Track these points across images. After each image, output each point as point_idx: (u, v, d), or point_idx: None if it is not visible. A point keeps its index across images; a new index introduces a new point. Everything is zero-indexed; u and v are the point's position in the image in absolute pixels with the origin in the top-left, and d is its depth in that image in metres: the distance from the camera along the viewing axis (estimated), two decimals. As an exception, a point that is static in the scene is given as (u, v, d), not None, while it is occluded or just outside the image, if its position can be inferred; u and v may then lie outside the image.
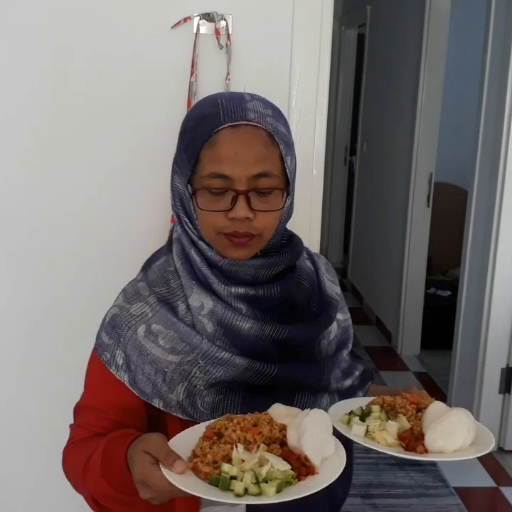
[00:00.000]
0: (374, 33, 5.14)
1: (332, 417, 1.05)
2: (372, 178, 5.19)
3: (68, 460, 1.14)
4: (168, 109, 1.77)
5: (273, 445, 0.93)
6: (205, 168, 1.07)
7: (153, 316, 1.11)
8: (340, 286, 1.32)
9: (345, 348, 1.25)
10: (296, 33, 1.78)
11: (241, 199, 1.05)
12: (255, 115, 1.07)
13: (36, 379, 1.92)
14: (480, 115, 3.14)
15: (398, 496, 2.76)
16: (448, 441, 1.00)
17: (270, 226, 1.10)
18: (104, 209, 1.84)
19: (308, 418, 0.94)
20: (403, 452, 1.01)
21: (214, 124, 1.06)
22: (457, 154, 4.51)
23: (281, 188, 1.09)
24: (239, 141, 1.05)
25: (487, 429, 1.07)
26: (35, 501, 2.02)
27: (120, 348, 1.11)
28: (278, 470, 0.88)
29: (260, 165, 1.06)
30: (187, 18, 1.74)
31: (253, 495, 0.86)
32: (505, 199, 2.94)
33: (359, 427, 1.04)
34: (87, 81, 1.77)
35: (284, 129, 1.11)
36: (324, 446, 0.94)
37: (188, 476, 0.89)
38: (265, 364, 1.09)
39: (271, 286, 1.12)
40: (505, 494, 2.88)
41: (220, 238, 1.09)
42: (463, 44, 4.63)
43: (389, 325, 4.66)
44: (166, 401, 1.10)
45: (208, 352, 1.08)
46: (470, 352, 3.24)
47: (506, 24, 2.89)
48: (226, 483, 0.87)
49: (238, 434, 0.93)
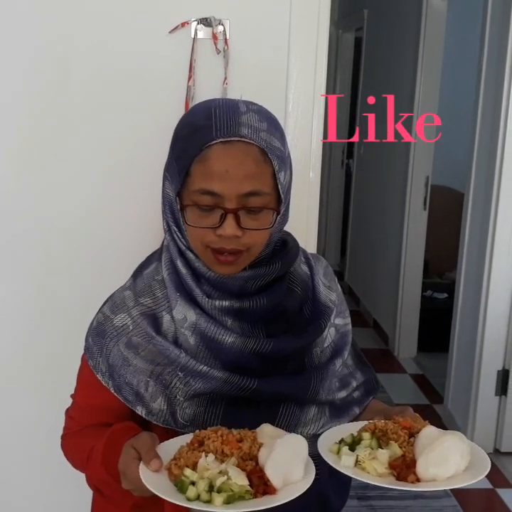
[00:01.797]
0: (371, 36, 5.15)
1: (322, 446, 1.05)
2: (369, 181, 5.20)
3: (69, 448, 1.21)
4: (166, 114, 1.78)
5: (249, 461, 0.96)
6: (194, 183, 1.05)
7: (133, 328, 1.13)
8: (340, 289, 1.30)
9: (340, 357, 1.21)
10: (293, 38, 1.79)
11: (230, 217, 1.03)
12: (248, 131, 1.04)
13: (32, 377, 1.93)
14: (476, 118, 3.15)
15: (395, 497, 2.77)
16: (441, 469, 0.97)
17: (259, 243, 1.09)
18: (99, 209, 1.84)
19: (281, 441, 0.97)
20: (394, 483, 0.98)
21: (206, 139, 1.03)
22: (454, 157, 4.52)
23: (271, 207, 1.07)
24: (230, 158, 1.03)
25: (482, 452, 1.05)
26: (33, 498, 2.03)
27: (103, 357, 1.14)
28: (235, 484, 0.92)
29: (251, 183, 1.03)
30: (185, 23, 1.75)
31: (202, 501, 0.91)
32: (501, 202, 2.95)
33: (348, 457, 1.02)
34: (84, 84, 1.77)
35: (279, 143, 1.08)
36: (290, 469, 0.96)
37: (160, 475, 0.96)
38: (245, 377, 1.09)
39: (257, 298, 1.11)
40: (501, 496, 2.89)
41: (207, 253, 1.08)
42: (459, 49, 4.64)
43: (386, 327, 4.67)
44: (149, 409, 1.12)
45: (186, 365, 1.09)
46: (466, 354, 3.26)
47: (502, 27, 2.91)
48: (184, 487, 0.93)
49: (216, 445, 0.97)
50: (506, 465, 3.11)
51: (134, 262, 1.24)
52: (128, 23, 1.76)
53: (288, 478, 0.95)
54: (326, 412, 1.18)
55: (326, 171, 6.01)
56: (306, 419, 1.15)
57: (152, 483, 0.93)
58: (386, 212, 4.67)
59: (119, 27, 1.76)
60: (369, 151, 5.17)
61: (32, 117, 1.78)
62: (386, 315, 4.64)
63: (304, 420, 1.15)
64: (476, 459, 1.02)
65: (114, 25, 1.76)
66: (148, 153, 1.79)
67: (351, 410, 1.23)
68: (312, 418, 1.16)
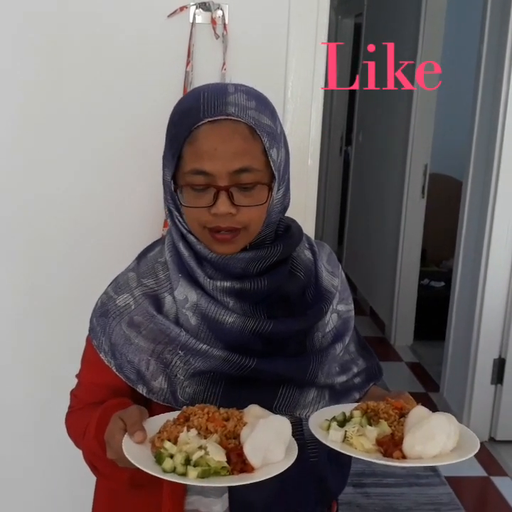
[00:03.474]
0: (371, 22, 5.13)
1: (313, 423, 1.06)
2: (367, 169, 5.19)
3: (70, 425, 1.24)
4: (164, 99, 1.76)
5: (232, 440, 0.97)
6: (186, 165, 1.07)
7: (135, 308, 1.15)
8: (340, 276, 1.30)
9: (341, 341, 1.22)
10: (293, 23, 1.78)
11: (222, 195, 1.05)
12: (236, 109, 1.05)
13: (26, 366, 1.93)
14: (475, 106, 3.14)
15: (390, 484, 2.78)
16: (426, 447, 0.98)
17: (256, 220, 1.10)
18: (97, 200, 1.83)
19: (264, 421, 0.97)
20: (380, 458, 0.99)
21: (194, 120, 1.05)
22: (452, 145, 4.51)
23: (264, 182, 1.08)
24: (218, 136, 1.04)
25: (472, 433, 1.05)
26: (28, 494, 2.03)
27: (105, 337, 1.16)
28: (213, 459, 0.93)
29: (240, 160, 1.05)
30: (183, 8, 1.73)
31: (178, 474, 0.92)
32: (499, 190, 2.95)
33: (336, 432, 1.03)
34: (81, 71, 1.76)
35: (270, 121, 1.09)
36: (271, 450, 0.96)
37: (143, 447, 0.98)
38: (243, 357, 1.10)
39: (258, 280, 1.12)
40: (496, 484, 2.91)
41: (205, 233, 1.09)
42: (459, 34, 4.62)
43: (382, 315, 4.68)
44: (149, 388, 1.13)
45: (186, 344, 1.10)
46: (463, 343, 3.26)
47: (502, 14, 2.89)
48: (161, 458, 0.94)
49: (200, 422, 0.98)
50: (501, 453, 3.12)
51: (132, 252, 1.24)
52: (126, 7, 1.74)
53: (268, 459, 0.96)
54: (326, 396, 1.19)
55: (324, 158, 5.99)
56: (305, 401, 1.16)
57: (132, 453, 0.95)
58: (384, 200, 4.66)
59: (116, 11, 1.74)
60: (368, 139, 5.15)
61: (24, 100, 1.77)
62: (383, 303, 4.65)
63: (303, 402, 1.16)
64: (465, 441, 1.03)
65: (112, 10, 1.74)
66: (146, 139, 1.78)
67: (351, 395, 1.25)
68: (312, 401, 1.17)
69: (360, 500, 2.67)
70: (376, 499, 2.68)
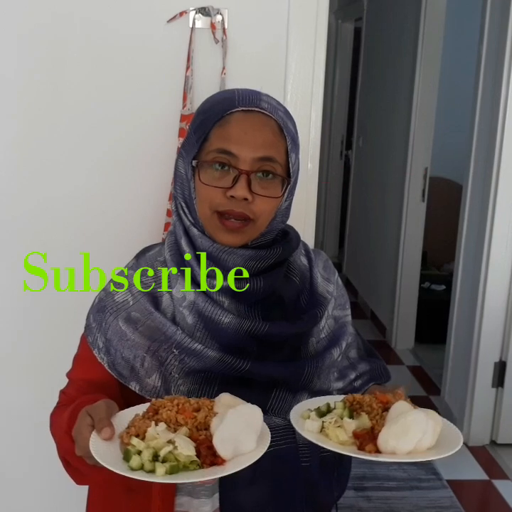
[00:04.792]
0: (371, 26, 5.14)
1: (295, 413, 1.05)
2: (367, 173, 5.19)
3: (53, 421, 1.20)
4: (163, 104, 1.77)
5: (203, 431, 0.95)
6: (212, 145, 1.10)
7: (133, 304, 1.15)
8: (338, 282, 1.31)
9: (337, 346, 1.22)
10: (292, 27, 1.78)
11: (242, 179, 1.07)
12: (268, 106, 1.11)
13: (26, 366, 1.93)
14: (475, 110, 3.15)
15: (391, 488, 2.78)
16: (399, 442, 0.96)
17: (266, 213, 1.12)
18: (98, 204, 1.84)
19: (233, 411, 0.95)
20: (353, 451, 0.97)
21: (228, 107, 1.10)
22: (452, 149, 4.52)
23: (282, 176, 1.11)
24: (250, 123, 1.09)
25: (458, 433, 1.03)
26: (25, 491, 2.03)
27: (101, 332, 1.16)
28: (182, 454, 0.91)
29: (267, 149, 1.08)
30: (183, 13, 1.74)
31: (146, 471, 0.89)
32: (499, 194, 2.95)
33: (313, 422, 1.02)
34: (81, 73, 1.77)
35: (293, 129, 1.15)
36: (241, 440, 0.94)
37: (112, 444, 0.94)
38: (238, 359, 1.10)
39: (255, 280, 1.13)
40: (497, 487, 2.90)
41: (214, 219, 1.10)
42: (459, 38, 4.63)
43: (383, 319, 4.68)
44: (143, 385, 1.13)
45: (181, 343, 1.11)
46: (464, 346, 3.26)
47: (502, 17, 2.90)
48: (128, 455, 0.91)
49: (169, 414, 0.96)
50: (502, 456, 3.12)
51: (130, 253, 1.25)
52: (125, 12, 1.75)
53: (239, 449, 0.94)
54: None
55: (325, 162, 6.00)
56: None
57: (100, 451, 0.91)
58: (384, 203, 4.67)
59: (116, 17, 1.75)
60: (368, 143, 5.16)
61: (26, 105, 1.77)
62: (384, 306, 4.65)
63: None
64: (448, 439, 1.00)
65: (112, 15, 1.75)
66: (146, 143, 1.79)
67: None
68: None
69: (361, 503, 2.67)
70: (377, 503, 2.68)
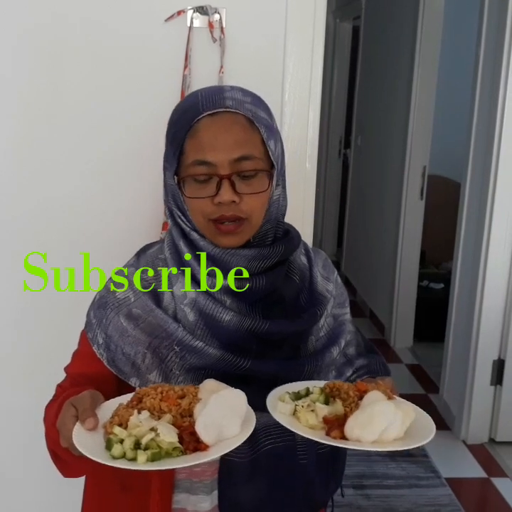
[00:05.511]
0: (369, 26, 5.14)
1: (274, 395, 1.05)
2: (366, 171, 5.20)
3: (46, 413, 1.19)
4: (162, 103, 1.77)
5: (187, 418, 0.95)
6: (188, 158, 1.09)
7: (134, 301, 1.15)
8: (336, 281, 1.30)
9: (336, 344, 1.22)
10: (290, 27, 1.79)
11: (225, 183, 1.07)
12: (233, 102, 1.09)
13: (26, 366, 1.93)
14: (473, 108, 3.15)
15: (390, 486, 2.78)
16: (364, 431, 0.96)
17: (258, 209, 1.11)
18: (96, 204, 1.84)
19: (216, 396, 0.95)
20: (320, 436, 0.98)
21: (194, 115, 1.09)
22: (450, 147, 4.52)
23: (264, 169, 1.11)
24: (218, 127, 1.08)
25: (432, 425, 1.01)
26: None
27: (101, 329, 1.16)
28: (164, 441, 0.90)
29: (240, 148, 1.08)
30: (180, 12, 1.74)
31: (128, 459, 0.89)
32: (497, 192, 2.95)
33: (285, 405, 1.02)
34: (79, 73, 1.77)
35: (266, 115, 1.13)
36: (225, 425, 0.93)
37: (96, 434, 0.94)
38: (238, 357, 1.10)
39: (257, 278, 1.13)
40: (496, 485, 2.91)
41: (210, 225, 1.11)
42: (457, 37, 4.63)
43: (382, 317, 4.68)
44: (143, 381, 1.13)
45: (182, 340, 1.11)
46: (462, 344, 3.26)
47: (500, 16, 2.90)
48: (110, 444, 0.91)
49: (152, 402, 0.96)
50: (501, 454, 3.12)
51: (129, 252, 1.25)
52: (123, 11, 1.75)
53: (223, 434, 0.93)
54: None
55: (323, 161, 6.00)
56: None
57: (82, 441, 0.91)
58: (383, 202, 4.67)
59: (114, 16, 1.75)
60: (366, 141, 5.16)
61: (24, 106, 1.77)
62: (382, 305, 4.65)
63: None
64: (420, 432, 1.00)
65: (110, 15, 1.75)
66: (144, 142, 1.78)
67: None
68: None
69: (360, 502, 2.67)
70: (376, 501, 2.69)
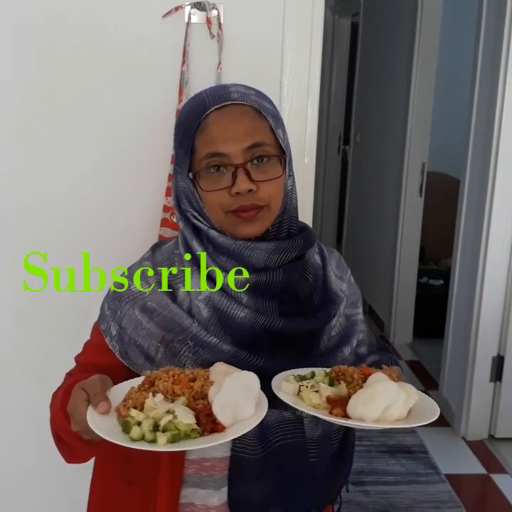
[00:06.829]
0: (368, 22, 5.12)
1: (280, 377, 1.07)
2: (365, 168, 5.19)
3: (51, 400, 1.19)
4: (160, 99, 1.77)
5: (200, 401, 0.95)
6: (200, 153, 1.10)
7: (150, 294, 1.15)
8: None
9: (348, 344, 1.22)
10: (288, 22, 1.78)
11: (240, 173, 1.07)
12: (238, 95, 1.11)
13: (25, 366, 1.93)
14: (472, 105, 3.14)
15: (389, 483, 2.78)
16: (366, 409, 0.97)
17: (276, 195, 1.12)
18: (95, 201, 1.84)
19: (230, 378, 0.96)
20: (322, 414, 0.99)
21: (201, 111, 1.10)
22: (450, 144, 4.51)
23: (277, 154, 1.11)
24: (227, 119, 1.09)
25: (436, 407, 1.04)
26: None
27: (115, 320, 1.15)
28: (182, 422, 0.91)
29: (251, 137, 1.08)
30: (178, 7, 1.74)
31: (147, 441, 0.90)
32: (496, 189, 2.95)
33: (289, 384, 1.04)
34: (77, 70, 1.76)
35: (271, 106, 1.14)
36: (240, 407, 0.95)
37: (109, 417, 0.94)
38: (252, 354, 1.10)
39: (274, 272, 1.13)
40: (495, 481, 2.91)
41: (229, 217, 1.11)
42: (456, 33, 4.62)
43: (381, 314, 4.68)
44: None
45: (196, 335, 1.11)
46: (462, 341, 3.26)
47: (498, 13, 2.89)
48: (128, 427, 0.91)
49: (166, 385, 0.96)
50: (501, 451, 3.12)
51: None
52: (121, 7, 1.74)
53: (238, 416, 0.94)
54: None
55: (322, 157, 6.00)
56: None
57: (98, 425, 0.91)
58: (382, 198, 4.66)
59: (112, 12, 1.74)
60: (365, 138, 5.15)
61: (22, 103, 1.77)
62: (382, 301, 4.65)
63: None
64: (424, 413, 1.02)
65: (107, 10, 1.74)
66: (142, 138, 1.78)
67: None
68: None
69: (359, 498, 2.67)
70: (376, 497, 2.69)
